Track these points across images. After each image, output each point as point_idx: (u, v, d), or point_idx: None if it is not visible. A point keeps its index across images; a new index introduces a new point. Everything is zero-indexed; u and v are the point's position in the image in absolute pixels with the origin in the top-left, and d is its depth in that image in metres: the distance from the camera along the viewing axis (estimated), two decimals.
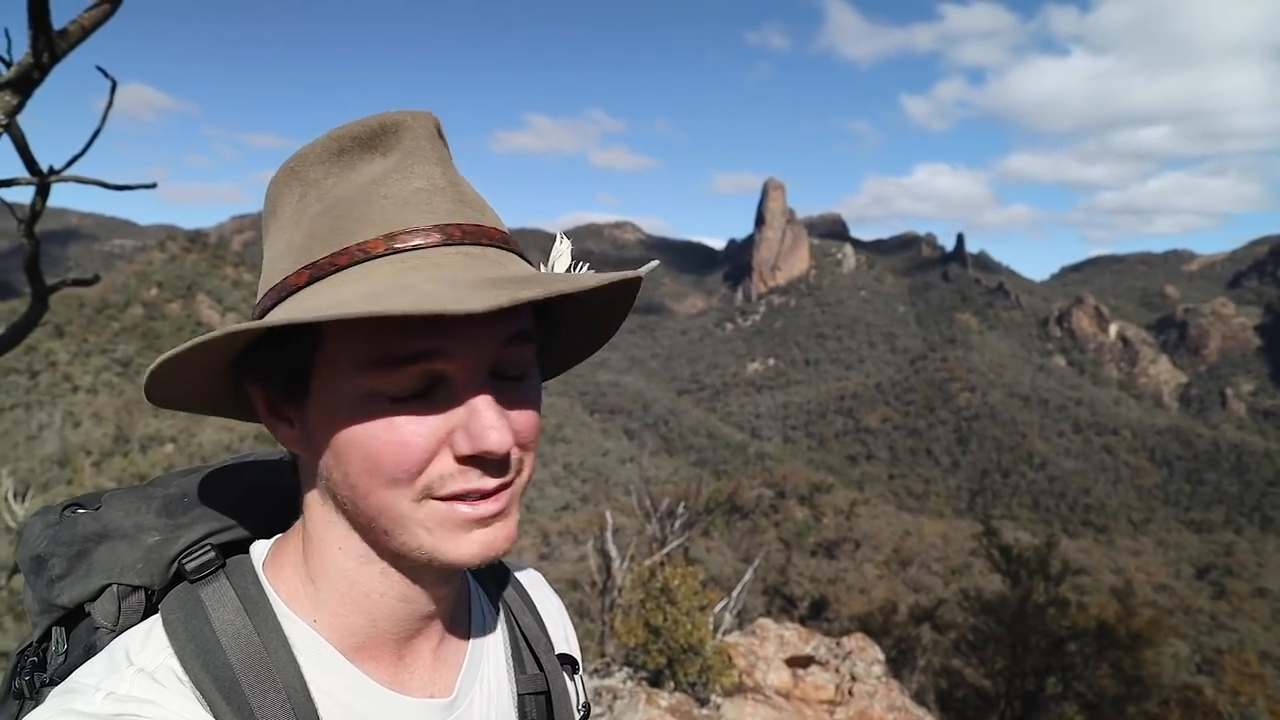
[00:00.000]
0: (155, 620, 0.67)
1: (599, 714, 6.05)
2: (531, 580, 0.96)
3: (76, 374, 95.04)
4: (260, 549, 0.73)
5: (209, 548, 0.72)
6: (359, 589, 0.69)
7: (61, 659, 0.69)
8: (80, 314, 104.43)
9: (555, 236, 0.69)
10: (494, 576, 0.90)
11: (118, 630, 0.69)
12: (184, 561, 0.70)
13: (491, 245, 0.67)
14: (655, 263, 0.67)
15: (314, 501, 0.69)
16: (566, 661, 0.91)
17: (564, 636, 0.94)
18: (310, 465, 0.68)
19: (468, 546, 0.66)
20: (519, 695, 0.82)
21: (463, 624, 0.81)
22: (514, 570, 0.95)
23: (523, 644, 0.86)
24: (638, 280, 0.71)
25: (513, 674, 0.83)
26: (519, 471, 0.68)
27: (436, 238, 0.64)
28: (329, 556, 0.69)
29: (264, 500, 0.79)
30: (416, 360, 0.62)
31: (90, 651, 0.68)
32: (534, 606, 0.92)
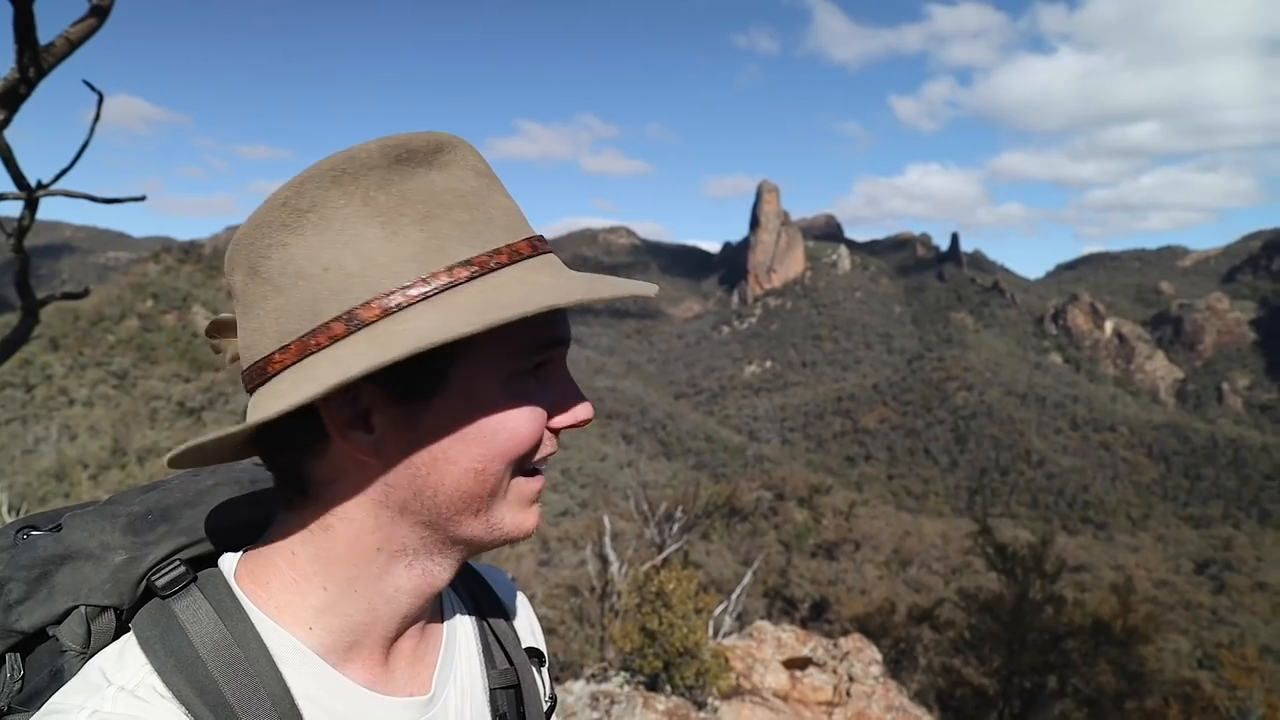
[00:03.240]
0: (128, 639, 0.67)
1: (596, 718, 6.06)
2: (495, 577, 0.98)
3: (72, 387, 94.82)
4: (230, 561, 0.73)
5: (178, 563, 0.71)
6: (382, 584, 0.71)
7: (18, 685, 0.67)
8: (75, 327, 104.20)
9: (549, 243, 0.73)
10: (461, 574, 0.90)
11: (89, 653, 0.68)
12: (153, 578, 0.70)
13: (550, 253, 0.73)
14: (655, 288, 0.70)
15: (359, 508, 0.69)
16: (534, 655, 0.93)
17: (530, 630, 0.97)
18: (367, 472, 0.68)
19: (531, 519, 0.73)
20: (490, 690, 0.84)
21: (437, 622, 0.83)
22: (478, 568, 0.97)
23: (492, 639, 0.89)
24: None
25: (484, 669, 0.85)
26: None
27: (530, 249, 0.70)
28: (363, 558, 0.70)
29: (227, 513, 0.79)
30: (555, 345, 0.69)
31: (57, 676, 0.67)
32: (500, 602, 0.94)
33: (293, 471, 0.70)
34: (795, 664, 8.07)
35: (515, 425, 0.67)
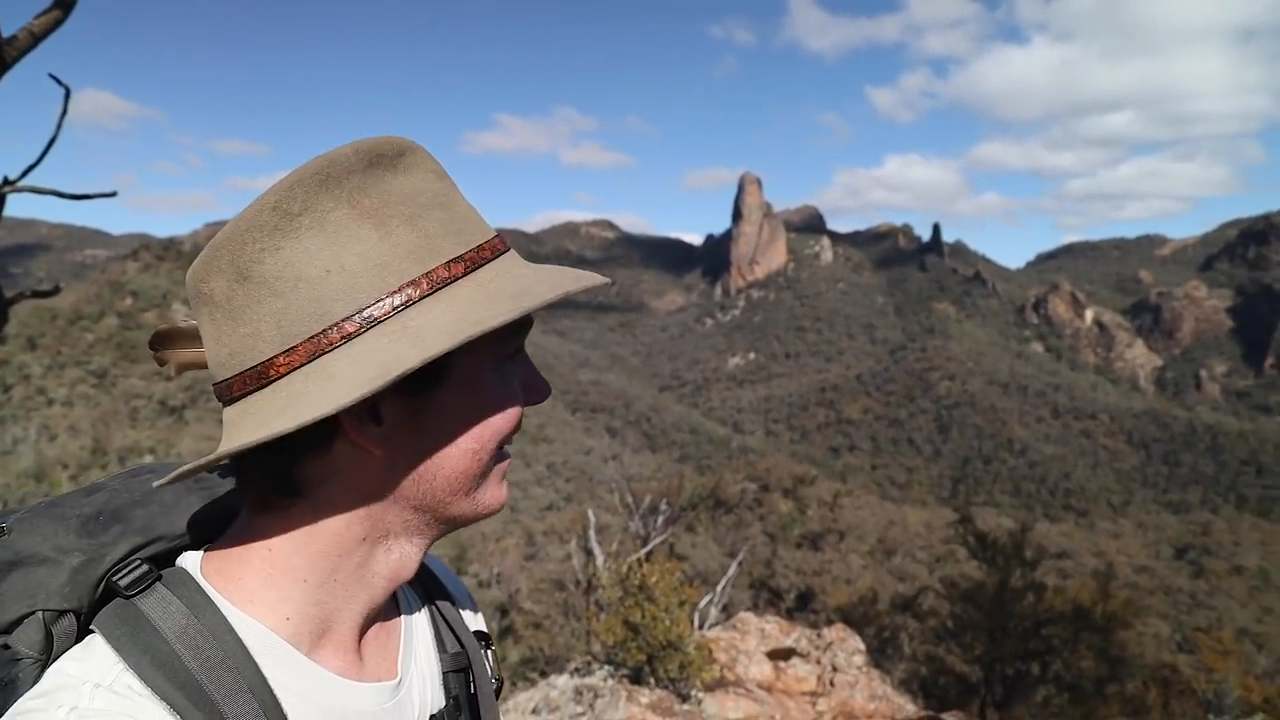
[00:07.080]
0: (90, 642, 0.66)
1: (580, 713, 6.06)
2: (438, 566, 1.00)
3: (51, 387, 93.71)
4: (193, 558, 0.73)
5: (139, 562, 0.71)
6: (362, 571, 0.73)
7: None
8: (54, 326, 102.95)
9: (531, 236, 0.86)
10: None
11: (49, 659, 0.66)
12: (114, 578, 0.69)
13: (510, 251, 0.76)
14: (608, 281, 0.75)
15: (352, 502, 0.70)
16: (481, 638, 0.96)
17: (474, 614, 1.00)
18: (368, 465, 0.69)
19: (505, 492, 0.78)
20: (444, 673, 0.87)
21: (394, 610, 0.85)
22: (424, 559, 0.98)
23: (443, 624, 0.91)
24: None
25: (438, 653, 0.88)
26: None
27: (504, 245, 0.74)
28: (348, 548, 0.71)
29: (181, 510, 0.79)
30: (526, 329, 0.74)
31: (9, 686, 0.65)
32: (446, 589, 0.96)
33: (283, 473, 0.69)
34: (779, 655, 8.10)
35: (508, 406, 0.73)
